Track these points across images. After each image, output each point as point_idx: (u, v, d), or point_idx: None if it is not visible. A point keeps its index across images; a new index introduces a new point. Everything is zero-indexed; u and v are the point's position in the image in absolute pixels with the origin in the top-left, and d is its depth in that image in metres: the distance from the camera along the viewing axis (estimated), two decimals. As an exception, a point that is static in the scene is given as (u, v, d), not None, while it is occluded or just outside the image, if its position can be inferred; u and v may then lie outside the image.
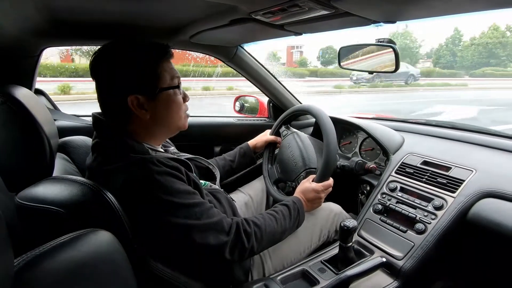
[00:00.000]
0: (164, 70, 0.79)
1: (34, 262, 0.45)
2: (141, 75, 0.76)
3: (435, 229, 0.93)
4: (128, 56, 0.77)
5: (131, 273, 0.60)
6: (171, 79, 0.80)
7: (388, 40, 1.01)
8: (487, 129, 1.32)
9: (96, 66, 0.78)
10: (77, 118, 1.42)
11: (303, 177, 1.15)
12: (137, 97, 0.76)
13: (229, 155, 1.32)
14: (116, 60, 0.77)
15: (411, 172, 1.13)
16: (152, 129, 0.82)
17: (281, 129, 1.36)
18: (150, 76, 0.77)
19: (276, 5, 0.74)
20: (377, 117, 1.71)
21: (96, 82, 0.78)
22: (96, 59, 0.78)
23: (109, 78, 0.77)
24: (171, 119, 0.83)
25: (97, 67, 0.78)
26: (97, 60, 0.78)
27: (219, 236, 0.77)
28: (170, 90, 0.80)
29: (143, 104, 0.77)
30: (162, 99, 0.79)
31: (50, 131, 0.71)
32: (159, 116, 0.80)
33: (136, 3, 0.81)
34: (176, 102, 0.82)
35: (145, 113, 0.78)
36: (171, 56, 0.82)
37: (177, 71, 0.83)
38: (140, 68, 0.76)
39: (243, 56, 1.51)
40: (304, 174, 1.16)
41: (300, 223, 0.99)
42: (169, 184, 0.72)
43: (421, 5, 0.70)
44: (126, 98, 0.75)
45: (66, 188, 0.65)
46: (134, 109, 0.76)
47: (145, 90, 0.77)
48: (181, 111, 0.85)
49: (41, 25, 0.91)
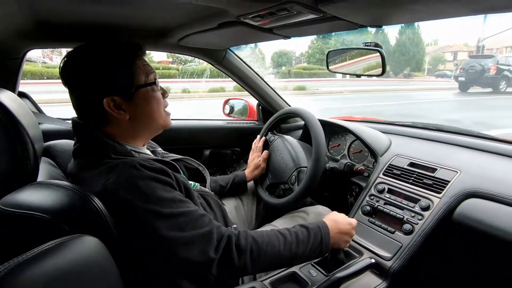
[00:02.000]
0: (138, 68, 0.76)
1: (18, 270, 0.44)
2: (114, 75, 0.74)
3: (422, 229, 0.95)
4: (100, 57, 0.74)
5: (119, 279, 0.59)
6: (147, 76, 0.78)
7: (374, 44, 1.03)
8: (471, 131, 1.36)
9: (67, 70, 0.75)
10: (63, 121, 1.39)
11: (295, 177, 1.16)
12: (113, 99, 0.73)
13: (222, 180, 1.26)
14: (88, 62, 0.74)
15: (399, 173, 1.15)
16: (134, 130, 0.80)
17: (267, 136, 1.37)
18: (124, 76, 0.75)
19: (265, 8, 0.74)
20: (365, 120, 1.73)
21: (68, 87, 0.75)
22: (67, 63, 0.75)
23: (81, 82, 0.74)
24: (151, 117, 0.80)
25: (68, 71, 0.75)
26: (67, 63, 0.75)
27: (206, 250, 0.68)
28: (147, 87, 0.78)
29: (120, 105, 0.74)
30: (139, 97, 0.77)
31: (35, 134, 0.69)
32: (138, 115, 0.78)
33: (123, 5, 0.80)
34: (155, 99, 0.80)
35: (123, 113, 0.75)
36: (144, 53, 0.80)
37: (152, 67, 0.81)
38: (113, 69, 0.74)
39: (232, 59, 1.51)
40: (296, 174, 1.16)
41: (322, 253, 0.83)
42: (150, 190, 0.68)
43: (406, 10, 0.72)
44: (101, 101, 0.72)
45: (51, 193, 0.63)
46: (112, 111, 0.74)
47: (120, 91, 0.74)
48: (161, 108, 0.82)
49: (24, 27, 0.89)
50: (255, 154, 1.33)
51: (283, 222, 1.13)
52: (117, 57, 0.75)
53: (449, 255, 1.06)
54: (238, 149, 1.84)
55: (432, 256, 0.99)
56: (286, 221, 1.14)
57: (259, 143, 1.34)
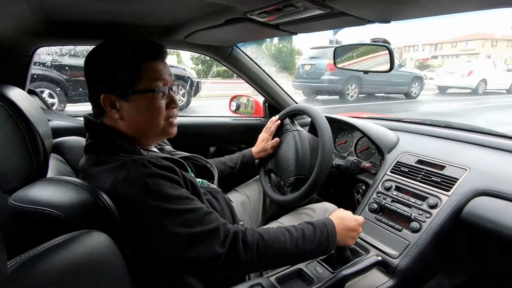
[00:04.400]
0: (144, 71, 0.75)
1: (28, 264, 0.45)
2: (114, 73, 0.75)
3: (430, 227, 0.94)
4: (108, 54, 0.77)
5: (127, 275, 0.60)
6: (153, 81, 0.76)
7: (383, 40, 1.02)
8: (481, 128, 1.34)
9: (85, 64, 0.79)
10: (72, 118, 1.41)
11: (291, 182, 1.16)
12: (109, 96, 0.75)
13: (231, 161, 1.27)
14: (99, 58, 0.77)
15: (406, 171, 1.14)
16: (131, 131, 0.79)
17: (285, 121, 1.34)
18: (124, 76, 0.75)
19: (271, 4, 0.74)
20: (372, 117, 1.72)
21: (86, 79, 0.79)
22: (88, 56, 0.79)
23: (89, 76, 0.78)
24: (145, 124, 0.79)
25: (85, 65, 0.79)
26: (88, 57, 0.79)
27: (213, 246, 0.69)
28: (146, 93, 0.76)
29: (114, 103, 0.76)
30: (135, 101, 0.75)
31: (44, 131, 0.70)
32: (132, 118, 0.77)
33: (130, 3, 0.81)
34: (153, 107, 0.77)
35: (115, 112, 0.76)
36: (160, 57, 0.79)
37: (169, 74, 0.80)
38: (114, 67, 0.75)
39: (238, 56, 1.50)
40: (293, 180, 1.16)
41: (328, 250, 0.83)
42: (158, 188, 0.68)
43: (415, 4, 0.71)
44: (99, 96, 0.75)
45: (61, 189, 0.65)
46: (105, 107, 0.75)
47: (116, 90, 0.75)
48: (159, 117, 0.78)
49: (34, 25, 0.91)
50: (266, 135, 1.33)
51: (290, 219, 1.14)
52: (123, 56, 0.76)
53: (457, 254, 1.05)
54: (244, 146, 1.84)
55: (439, 254, 0.98)
56: (292, 218, 1.14)
57: (273, 126, 1.33)
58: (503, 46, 41.71)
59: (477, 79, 11.11)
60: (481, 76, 11.19)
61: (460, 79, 11.19)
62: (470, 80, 11.14)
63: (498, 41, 41.62)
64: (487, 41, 41.32)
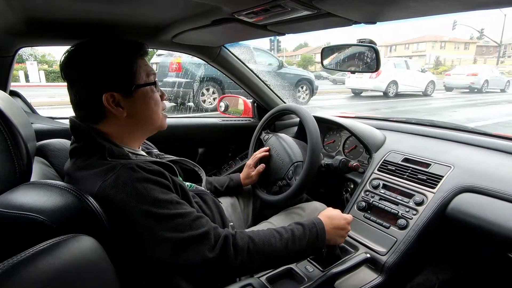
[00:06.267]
0: (139, 67, 0.77)
1: (13, 271, 0.43)
2: (116, 72, 0.74)
3: (416, 224, 0.96)
4: (103, 54, 0.75)
5: (115, 279, 0.59)
6: (147, 76, 0.79)
7: (369, 41, 1.04)
8: (465, 126, 1.37)
9: (68, 65, 0.75)
10: (55, 121, 1.38)
11: (292, 172, 1.16)
12: (112, 95, 0.74)
13: (218, 182, 1.25)
14: (91, 57, 0.74)
15: (393, 169, 1.16)
16: (130, 129, 0.80)
17: (261, 136, 1.38)
18: (126, 73, 0.76)
19: (259, 5, 0.74)
20: (359, 116, 1.74)
21: (68, 82, 0.75)
22: (69, 57, 0.75)
23: (83, 77, 0.74)
24: (149, 117, 0.81)
25: (70, 66, 0.75)
26: (69, 58, 0.75)
27: (203, 251, 0.69)
28: (146, 87, 0.79)
29: (119, 101, 0.75)
30: (138, 96, 0.77)
31: (27, 134, 0.68)
32: (136, 113, 0.78)
33: (116, 3, 0.79)
34: (154, 99, 0.81)
35: (121, 111, 0.75)
36: (145, 53, 0.81)
37: (152, 68, 0.82)
38: (115, 65, 0.75)
39: (226, 56, 1.50)
40: (293, 168, 1.17)
41: (318, 249, 0.84)
42: (147, 192, 0.68)
43: (400, 6, 0.72)
44: (101, 97, 0.72)
45: (45, 193, 0.63)
46: (110, 107, 0.74)
47: (121, 88, 0.75)
48: (159, 109, 0.83)
49: (15, 24, 0.88)
50: (252, 162, 1.29)
51: (280, 218, 1.14)
52: (120, 54, 0.76)
53: (443, 250, 1.07)
54: (233, 146, 1.84)
55: (426, 250, 1.00)
56: (282, 218, 1.14)
57: (258, 153, 1.31)
58: (451, 47, 43.24)
59: (386, 81, 10.14)
60: (390, 77, 10.21)
61: (368, 81, 10.32)
62: (378, 82, 10.12)
63: (446, 43, 43.02)
64: (437, 42, 42.61)
